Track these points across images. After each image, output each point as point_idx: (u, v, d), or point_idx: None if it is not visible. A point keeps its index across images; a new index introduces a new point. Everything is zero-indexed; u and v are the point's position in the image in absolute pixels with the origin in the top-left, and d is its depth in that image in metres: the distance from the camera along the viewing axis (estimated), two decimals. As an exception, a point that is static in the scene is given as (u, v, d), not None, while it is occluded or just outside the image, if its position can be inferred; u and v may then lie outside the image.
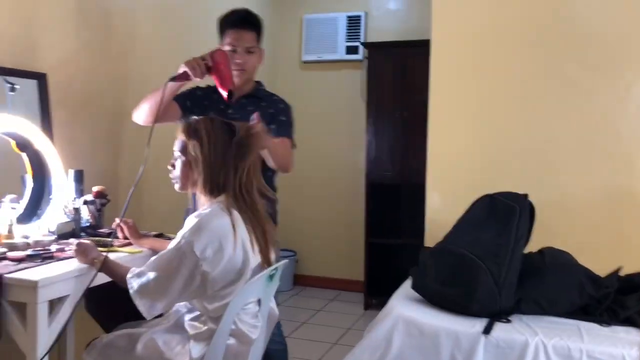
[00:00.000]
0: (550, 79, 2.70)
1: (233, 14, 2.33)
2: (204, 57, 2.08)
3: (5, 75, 2.23)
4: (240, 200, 1.78)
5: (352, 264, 4.53)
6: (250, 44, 2.28)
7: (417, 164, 3.92)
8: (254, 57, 2.31)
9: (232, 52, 2.25)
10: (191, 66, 2.04)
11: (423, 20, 4.10)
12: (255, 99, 2.33)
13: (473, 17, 2.82)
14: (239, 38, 2.26)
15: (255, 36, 2.32)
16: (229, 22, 2.30)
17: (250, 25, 2.30)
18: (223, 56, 2.11)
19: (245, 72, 2.29)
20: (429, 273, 2.17)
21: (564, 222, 2.64)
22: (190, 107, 2.31)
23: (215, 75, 2.08)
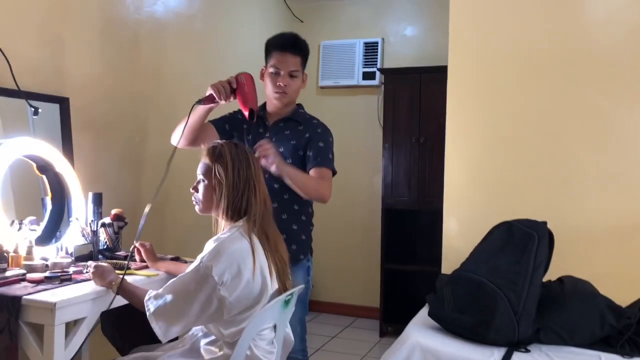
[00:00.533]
0: (570, 105, 2.68)
1: (281, 37, 2.33)
2: (229, 80, 2.11)
3: (29, 99, 2.28)
4: (260, 225, 1.79)
5: (367, 290, 4.49)
6: (293, 68, 2.27)
7: (433, 189, 3.92)
8: (296, 81, 2.30)
9: (275, 74, 2.26)
10: (216, 89, 2.07)
11: (439, 47, 4.13)
12: (293, 123, 2.32)
13: (490, 44, 2.83)
14: (283, 61, 2.26)
15: (300, 60, 2.30)
16: (275, 45, 2.29)
17: (295, 50, 2.29)
18: (248, 78, 2.14)
19: (287, 95, 2.28)
20: (446, 300, 2.15)
21: (584, 251, 2.60)
22: (228, 130, 2.33)
23: (239, 95, 2.12)
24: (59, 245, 2.23)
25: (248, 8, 4.06)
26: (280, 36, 2.33)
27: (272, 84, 2.27)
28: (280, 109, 2.32)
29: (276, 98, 2.28)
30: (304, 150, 2.27)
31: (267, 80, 2.30)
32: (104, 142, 2.74)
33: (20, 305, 1.65)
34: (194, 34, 3.40)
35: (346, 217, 4.60)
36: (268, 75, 2.29)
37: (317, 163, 2.24)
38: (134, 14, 2.90)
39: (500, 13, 2.81)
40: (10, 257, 1.96)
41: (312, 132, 2.30)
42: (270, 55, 2.30)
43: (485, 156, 2.84)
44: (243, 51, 3.92)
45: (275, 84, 2.26)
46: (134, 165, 2.94)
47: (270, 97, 2.29)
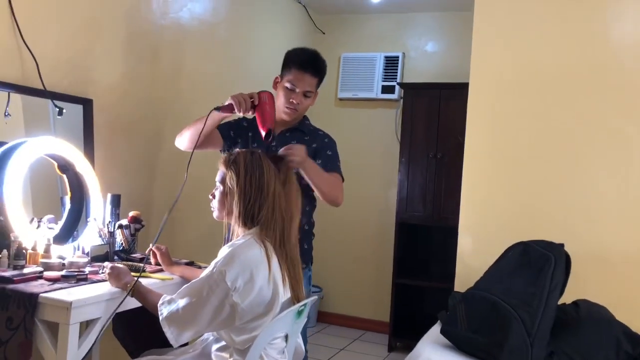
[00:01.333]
0: (592, 128, 2.66)
1: (303, 53, 2.32)
2: (251, 95, 2.10)
3: (55, 100, 2.31)
4: (274, 232, 1.79)
5: (377, 304, 4.47)
6: (309, 89, 2.28)
7: (448, 205, 3.91)
8: (309, 100, 2.32)
9: (290, 90, 2.27)
10: (237, 101, 2.07)
11: (460, 63, 4.14)
12: (299, 133, 2.34)
13: (513, 63, 2.82)
14: (301, 80, 2.26)
15: (317, 82, 2.31)
16: (296, 62, 2.28)
17: (315, 71, 2.29)
18: (270, 97, 2.13)
19: (297, 112, 2.30)
20: (459, 319, 2.13)
21: (601, 275, 2.57)
22: (233, 136, 2.35)
23: (258, 113, 2.11)
24: (76, 244, 2.25)
25: (271, 18, 4.09)
26: (303, 52, 2.33)
27: (284, 99, 2.28)
28: (287, 120, 2.33)
29: (286, 113, 2.29)
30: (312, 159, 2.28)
31: (280, 92, 2.31)
32: (124, 145, 2.77)
33: (36, 303, 1.66)
34: (217, 42, 3.44)
35: (359, 230, 4.60)
36: (282, 88, 2.29)
37: (328, 169, 2.25)
38: (159, 20, 2.94)
39: (524, 33, 2.81)
40: (29, 254, 1.98)
41: (319, 142, 2.33)
42: (289, 70, 2.29)
43: (503, 176, 2.82)
44: (264, 61, 3.95)
45: (289, 99, 2.26)
46: (150, 168, 2.96)
47: (280, 109, 2.28)
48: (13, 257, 1.93)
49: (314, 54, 2.33)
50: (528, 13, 2.80)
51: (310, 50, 2.35)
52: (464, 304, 2.15)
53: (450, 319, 2.18)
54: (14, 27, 2.16)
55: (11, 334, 1.67)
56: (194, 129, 2.22)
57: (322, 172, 2.18)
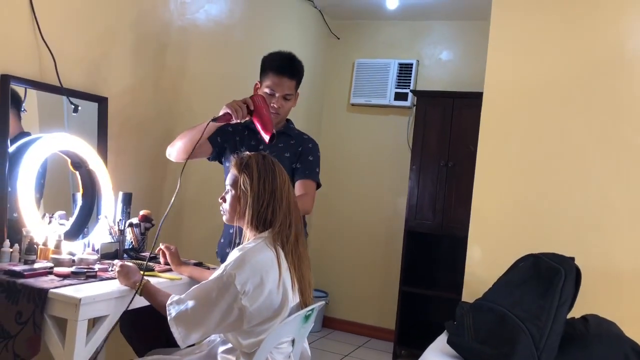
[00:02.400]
0: (605, 141, 2.64)
1: (278, 58, 2.37)
2: (245, 101, 2.12)
3: (71, 97, 2.33)
4: (285, 237, 1.80)
5: (383, 311, 4.45)
6: (288, 92, 2.33)
7: (458, 215, 3.89)
8: (289, 103, 2.37)
9: (270, 95, 2.31)
10: (233, 108, 2.08)
11: (474, 73, 4.13)
12: (286, 137, 2.39)
13: (528, 73, 2.81)
14: (280, 84, 2.31)
15: (295, 84, 2.37)
16: (273, 67, 2.33)
17: (292, 74, 2.34)
18: (264, 100, 2.17)
19: (279, 116, 2.35)
20: (467, 329, 2.12)
21: (611, 290, 2.55)
22: (220, 142, 2.38)
23: (257, 118, 2.13)
24: (86, 241, 2.26)
25: (286, 22, 4.10)
26: (278, 57, 2.37)
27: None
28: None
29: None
30: (296, 164, 2.34)
31: None
32: (137, 144, 2.78)
33: (46, 298, 1.67)
34: (232, 44, 3.45)
35: (367, 236, 4.58)
36: (262, 93, 2.33)
37: (305, 176, 2.32)
38: (176, 21, 2.95)
39: (540, 44, 2.80)
40: (40, 249, 2.00)
41: (304, 146, 2.39)
42: (266, 75, 2.34)
43: (515, 187, 2.81)
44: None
45: (270, 104, 2.29)
46: (161, 168, 2.97)
47: None
48: (24, 252, 1.94)
49: (289, 57, 2.38)
50: (544, 24, 2.80)
51: (285, 53, 2.39)
52: (471, 315, 2.14)
53: (458, 329, 2.17)
54: (34, 25, 2.18)
55: (20, 328, 1.68)
56: (188, 139, 2.23)
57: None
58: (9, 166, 2.07)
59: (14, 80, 2.12)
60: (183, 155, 2.26)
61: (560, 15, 2.77)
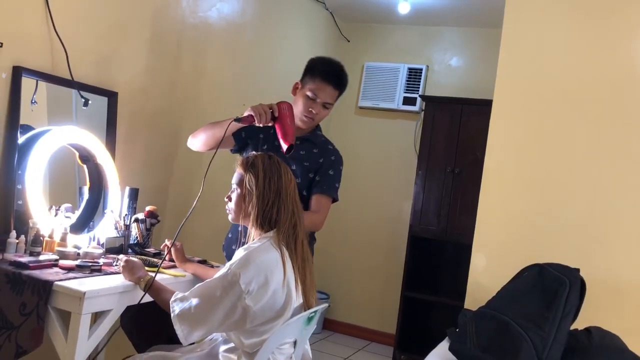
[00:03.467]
0: (616, 154, 2.62)
1: (329, 65, 2.31)
2: (271, 106, 2.10)
3: (82, 90, 2.33)
4: (289, 237, 1.80)
5: (385, 315, 4.44)
6: (330, 101, 2.28)
7: (462, 222, 3.88)
8: (326, 112, 2.31)
9: (311, 100, 2.26)
10: (258, 112, 2.06)
11: (483, 80, 4.13)
12: (310, 144, 2.33)
13: (538, 83, 2.80)
14: (323, 91, 2.25)
15: (338, 94, 2.31)
16: (321, 71, 2.26)
17: (338, 84, 2.28)
18: (290, 109, 2.13)
19: (313, 121, 2.30)
20: (469, 337, 2.11)
21: (615, 303, 2.53)
22: (244, 138, 2.35)
23: (279, 126, 2.10)
24: (92, 235, 2.27)
25: (297, 23, 4.11)
26: (329, 63, 2.31)
27: (303, 107, 2.26)
28: (301, 128, 2.31)
29: (302, 121, 2.28)
30: (315, 174, 2.29)
31: (299, 99, 2.29)
32: (145, 140, 2.79)
33: (50, 290, 1.68)
34: (242, 43, 3.45)
35: (371, 239, 4.58)
36: (303, 95, 2.27)
37: (322, 190, 2.27)
38: (188, 18, 2.96)
39: (552, 53, 2.79)
40: (45, 241, 2.00)
41: (326, 158, 2.32)
42: (312, 78, 2.27)
43: (521, 196, 2.79)
44: (287, 65, 3.96)
45: (308, 108, 2.25)
46: (168, 164, 2.98)
47: (297, 116, 2.26)
48: (30, 244, 1.95)
49: (339, 67, 2.32)
50: (556, 34, 2.79)
51: (336, 62, 2.33)
52: (474, 322, 2.13)
53: (460, 337, 2.16)
54: (48, 18, 2.18)
55: (24, 320, 1.69)
56: (210, 133, 2.23)
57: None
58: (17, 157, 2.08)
59: (26, 72, 2.13)
60: (203, 148, 2.27)
61: (573, 25, 2.76)
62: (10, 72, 2.09)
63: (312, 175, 2.29)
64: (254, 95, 3.41)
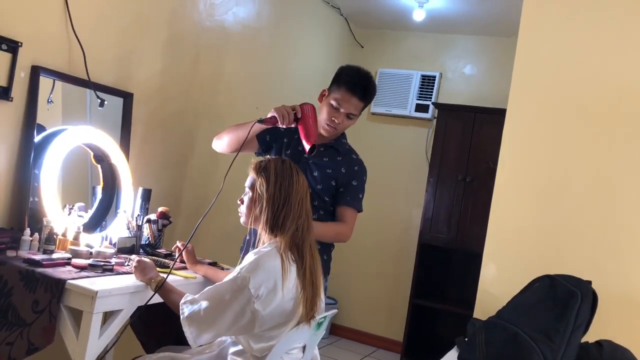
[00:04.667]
0: (631, 167, 2.60)
1: (356, 75, 2.26)
2: (294, 108, 2.10)
3: (98, 90, 2.35)
4: (297, 243, 1.79)
5: (392, 322, 4.43)
6: (354, 111, 2.25)
7: (473, 230, 3.86)
8: (350, 122, 2.28)
9: (335, 109, 2.23)
10: (281, 114, 2.07)
11: (496, 88, 4.12)
12: (333, 151, 2.31)
13: (553, 94, 2.78)
14: (348, 101, 2.21)
15: (363, 106, 2.28)
16: (347, 82, 2.22)
17: (363, 96, 2.24)
18: (312, 111, 2.12)
19: (336, 131, 2.28)
20: (478, 347, 2.10)
21: (627, 317, 2.50)
22: (269, 141, 2.34)
23: (302, 127, 2.10)
24: (104, 234, 2.28)
25: (312, 28, 4.12)
26: (356, 74, 2.26)
27: (327, 115, 2.25)
28: (324, 136, 2.31)
29: (325, 130, 2.27)
30: (337, 182, 2.27)
31: (323, 107, 2.28)
32: (159, 141, 2.80)
33: (63, 289, 1.69)
34: (258, 47, 3.47)
35: (380, 246, 4.57)
36: (327, 104, 2.26)
37: (346, 202, 2.26)
38: (204, 22, 2.98)
39: (568, 64, 2.77)
40: (58, 239, 2.02)
41: (349, 168, 2.30)
42: (339, 87, 2.23)
43: (533, 206, 2.78)
44: (302, 69, 3.98)
45: (331, 117, 2.24)
46: (182, 166, 3.00)
47: (320, 124, 2.26)
48: (44, 242, 1.97)
49: (366, 78, 2.27)
50: (573, 44, 2.77)
51: (364, 72, 2.28)
52: (484, 332, 2.12)
53: (469, 346, 2.15)
54: (67, 18, 2.21)
55: (36, 317, 1.70)
56: (234, 135, 2.23)
57: (320, 229, 2.14)
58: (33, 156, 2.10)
59: (44, 71, 2.15)
60: (227, 150, 2.27)
61: (590, 36, 2.75)
62: (28, 72, 2.11)
63: (334, 184, 2.27)
64: (268, 99, 3.44)
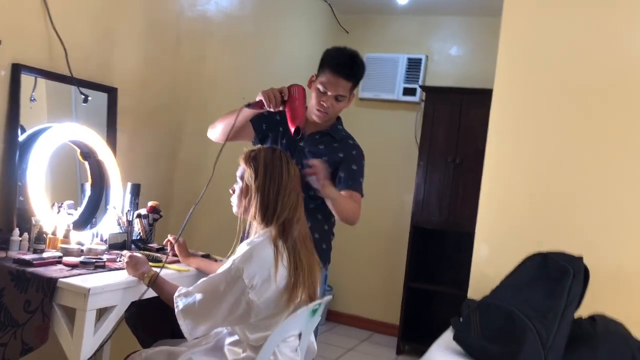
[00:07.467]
0: (616, 142, 2.61)
1: (340, 55, 2.20)
2: (281, 90, 2.07)
3: (81, 87, 2.33)
4: (289, 233, 1.78)
5: (388, 306, 4.45)
6: (342, 93, 2.19)
7: (464, 211, 3.88)
8: (341, 104, 2.23)
9: (322, 93, 2.19)
10: (267, 96, 2.05)
11: (483, 69, 4.11)
12: (329, 138, 2.28)
13: (539, 73, 2.78)
14: (334, 84, 2.16)
15: (352, 85, 2.21)
16: (331, 64, 2.17)
17: (349, 76, 2.18)
18: (301, 92, 2.09)
19: (327, 115, 2.23)
20: (473, 326, 2.11)
21: (619, 291, 2.53)
22: (265, 130, 2.32)
23: (288, 109, 2.08)
24: (95, 231, 2.27)
25: (296, 15, 4.09)
26: (339, 54, 2.21)
27: (316, 100, 2.21)
28: (317, 125, 2.29)
29: (316, 115, 2.23)
30: (335, 169, 2.23)
31: (312, 93, 2.24)
32: (146, 135, 2.78)
33: (55, 287, 1.68)
34: (241, 35, 3.44)
35: (373, 231, 4.58)
36: (315, 89, 2.22)
37: (349, 186, 2.21)
38: (187, 12, 2.94)
39: (553, 41, 2.77)
40: (48, 238, 2.00)
41: (347, 153, 2.26)
42: (323, 71, 2.19)
43: (523, 184, 2.79)
44: (287, 57, 3.95)
45: (319, 102, 2.20)
46: (171, 159, 2.98)
47: (311, 110, 2.23)
48: (34, 241, 1.95)
49: (350, 57, 2.21)
50: (557, 21, 2.77)
51: (348, 52, 2.22)
52: (478, 312, 2.13)
53: (464, 326, 2.16)
54: (45, 14, 2.17)
55: (29, 317, 1.69)
56: (226, 122, 2.20)
57: (341, 198, 2.13)
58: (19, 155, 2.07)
59: (25, 69, 2.12)
60: (222, 138, 2.21)
61: (574, 14, 2.74)
62: (9, 70, 2.08)
63: (332, 170, 2.22)
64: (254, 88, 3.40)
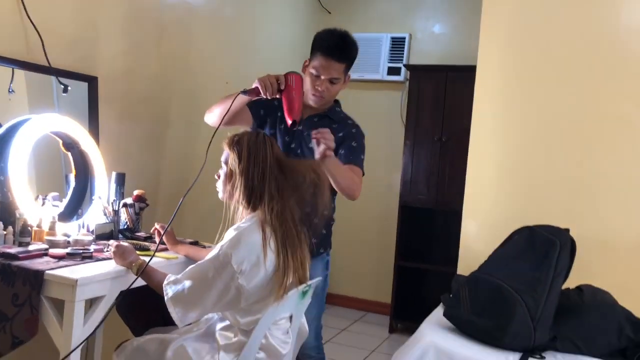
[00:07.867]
0: (600, 114, 2.64)
1: (330, 37, 2.17)
2: (278, 78, 2.03)
3: (60, 76, 2.29)
4: (276, 217, 1.77)
5: (380, 285, 4.49)
6: (335, 75, 2.16)
7: (452, 189, 3.89)
8: (336, 87, 2.20)
9: (316, 77, 2.16)
10: (263, 84, 2.01)
11: (467, 46, 4.09)
12: (328, 120, 2.26)
13: (521, 47, 2.79)
14: (326, 67, 2.13)
15: (345, 67, 2.18)
16: (322, 47, 2.14)
17: (341, 57, 2.14)
18: (298, 81, 2.05)
19: (323, 99, 2.21)
20: (463, 302, 2.13)
21: (605, 261, 2.57)
22: (263, 115, 2.29)
23: (285, 98, 2.04)
24: (81, 222, 2.25)
25: (277, -4, 4.05)
26: (329, 37, 2.17)
27: (310, 85, 2.18)
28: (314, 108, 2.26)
29: (313, 100, 2.21)
30: (335, 149, 2.18)
31: (306, 78, 2.20)
32: (129, 123, 2.75)
33: (42, 280, 1.67)
34: (223, 19, 3.40)
35: (363, 212, 4.59)
36: (308, 74, 2.19)
37: (349, 161, 2.17)
38: (166, -3, 2.90)
39: (533, 17, 2.77)
40: (34, 231, 1.98)
41: (346, 132, 2.24)
42: (315, 55, 2.16)
43: (508, 160, 2.81)
44: (270, 40, 3.92)
45: (314, 86, 2.17)
46: (156, 147, 2.95)
47: (307, 95, 2.20)
48: (18, 234, 1.93)
49: (340, 37, 2.17)
50: (538, -5, 2.77)
51: (338, 33, 2.19)
52: (467, 287, 2.15)
53: (454, 302, 2.18)
54: (19, 3, 2.13)
55: (17, 310, 1.68)
56: (223, 107, 2.16)
57: (342, 166, 2.09)
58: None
59: (1, 60, 2.08)
60: (218, 123, 2.15)
61: (554, -15, 2.74)
62: (-16, 62, 2.04)
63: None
64: (238, 72, 3.39)
